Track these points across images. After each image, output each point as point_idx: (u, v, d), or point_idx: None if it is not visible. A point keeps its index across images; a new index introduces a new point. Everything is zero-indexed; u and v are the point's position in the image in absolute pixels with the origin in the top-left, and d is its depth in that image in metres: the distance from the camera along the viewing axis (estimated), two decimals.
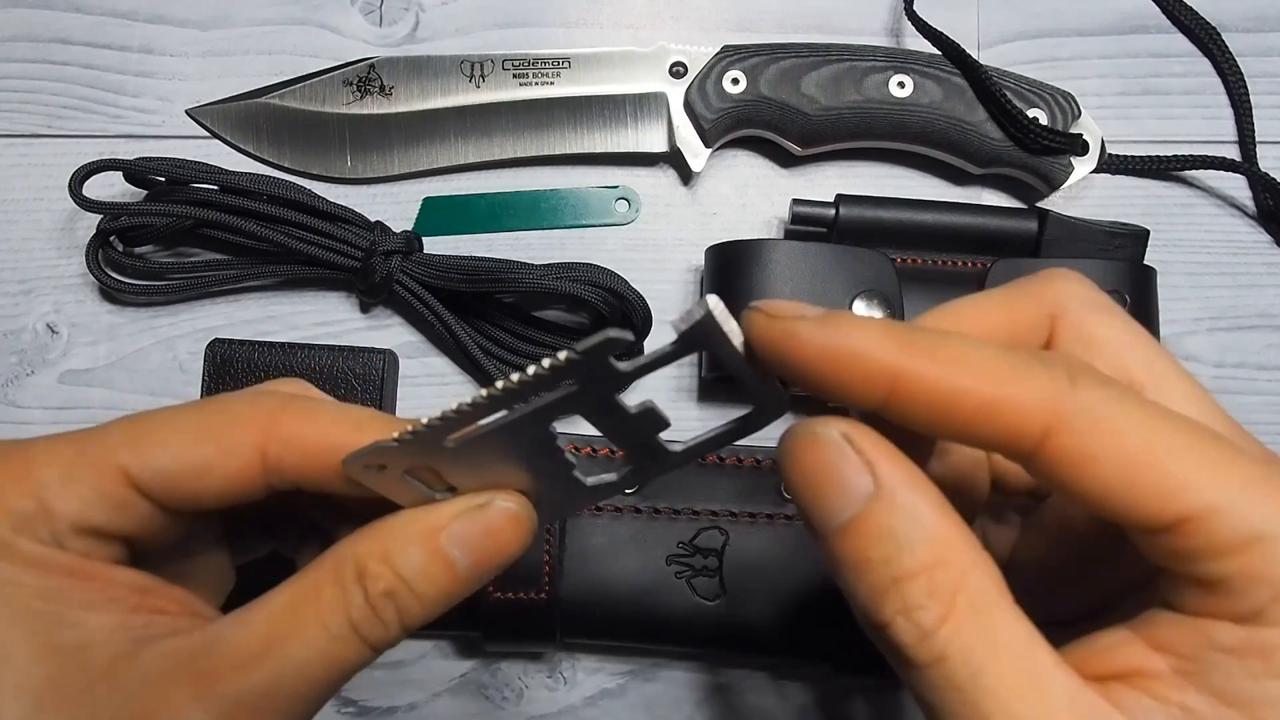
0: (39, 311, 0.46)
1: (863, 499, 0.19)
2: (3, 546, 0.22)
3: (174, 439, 0.23)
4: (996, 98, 0.44)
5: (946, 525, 0.19)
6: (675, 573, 0.40)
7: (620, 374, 0.21)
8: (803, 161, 0.47)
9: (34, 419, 0.45)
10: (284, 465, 0.23)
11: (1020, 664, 0.18)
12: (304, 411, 0.24)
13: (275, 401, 0.24)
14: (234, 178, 0.43)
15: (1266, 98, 0.48)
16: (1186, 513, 0.18)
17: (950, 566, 0.18)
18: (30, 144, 0.47)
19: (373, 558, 0.22)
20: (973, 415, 0.18)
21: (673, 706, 0.43)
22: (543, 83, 0.46)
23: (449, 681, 0.43)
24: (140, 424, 0.23)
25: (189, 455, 0.23)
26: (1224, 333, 0.46)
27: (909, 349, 0.19)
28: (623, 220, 0.47)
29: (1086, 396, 0.18)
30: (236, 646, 0.22)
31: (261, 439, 0.23)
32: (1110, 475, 0.18)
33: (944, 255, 0.44)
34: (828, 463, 0.19)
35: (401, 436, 0.22)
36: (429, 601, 0.23)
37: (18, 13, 0.48)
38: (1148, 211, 0.47)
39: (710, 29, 0.49)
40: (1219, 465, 0.18)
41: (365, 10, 0.49)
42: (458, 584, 0.23)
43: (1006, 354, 0.19)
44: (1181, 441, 0.18)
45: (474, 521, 0.23)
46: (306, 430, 0.23)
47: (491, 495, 0.24)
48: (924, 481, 0.19)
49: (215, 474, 0.23)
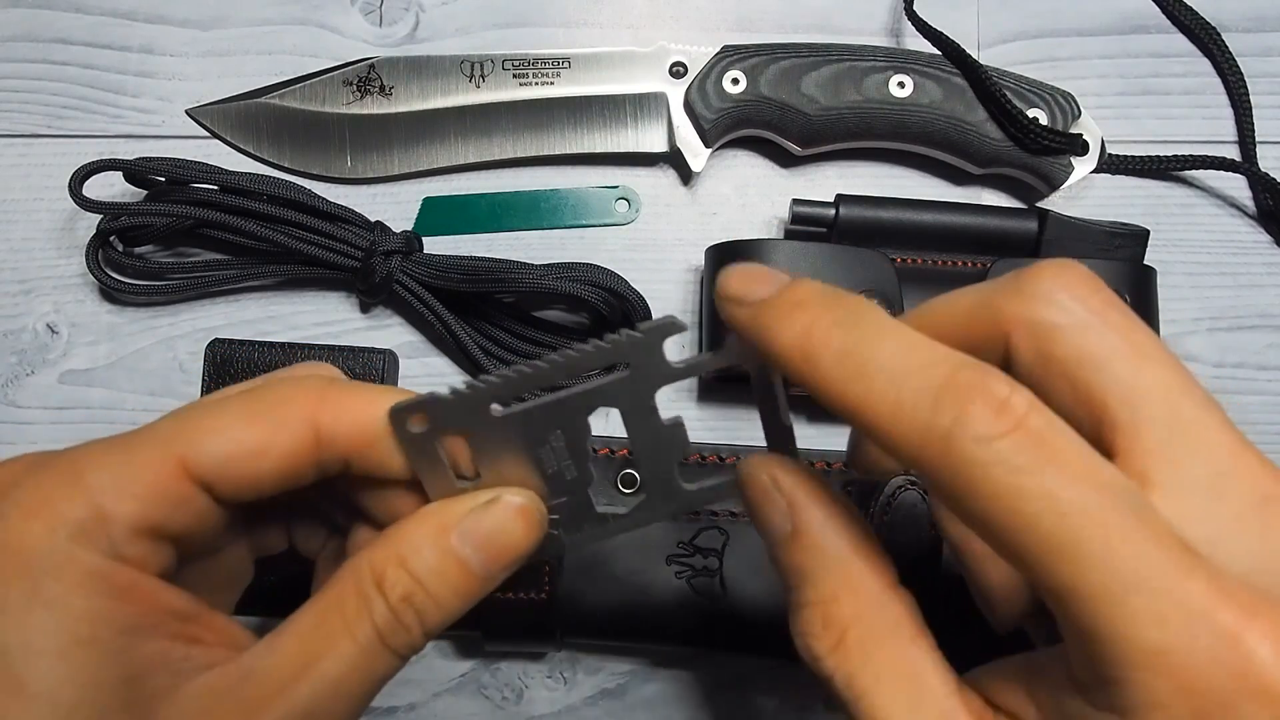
0: (39, 311, 0.46)
1: (784, 535, 0.22)
2: (58, 563, 0.21)
3: (227, 423, 0.23)
4: (996, 98, 0.44)
5: (849, 565, 0.21)
6: (675, 573, 0.40)
7: (669, 367, 0.22)
8: (803, 161, 0.47)
9: (34, 419, 0.45)
10: (336, 439, 0.23)
11: (900, 692, 0.20)
12: (351, 387, 0.24)
13: (321, 379, 0.24)
14: (234, 178, 0.43)
15: (1266, 98, 0.48)
16: (1043, 584, 0.18)
17: (844, 603, 0.21)
18: (30, 144, 0.47)
19: (389, 563, 0.23)
20: (863, 427, 0.20)
21: (673, 706, 0.43)
22: (543, 83, 0.46)
23: (449, 681, 0.43)
24: (189, 414, 0.23)
25: (244, 436, 0.23)
26: (1224, 333, 0.46)
27: (811, 354, 0.20)
28: (623, 220, 0.47)
29: (958, 455, 0.18)
30: (272, 673, 0.22)
31: (313, 414, 0.23)
32: (977, 528, 0.19)
33: (944, 255, 0.44)
34: (760, 502, 0.22)
35: (454, 389, 0.22)
36: (446, 603, 0.23)
37: (18, 13, 0.48)
38: (1148, 211, 0.47)
39: (710, 29, 0.49)
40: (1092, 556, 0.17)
41: (365, 10, 0.49)
42: (473, 583, 0.23)
43: (914, 377, 0.19)
44: (1056, 521, 0.17)
45: (484, 518, 0.23)
46: (355, 401, 0.23)
47: (500, 491, 0.24)
48: (840, 523, 0.21)
49: (272, 453, 0.23)
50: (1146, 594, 0.17)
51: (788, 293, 0.21)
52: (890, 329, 0.20)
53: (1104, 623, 0.17)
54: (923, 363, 0.19)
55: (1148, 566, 0.17)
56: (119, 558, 0.22)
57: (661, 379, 0.22)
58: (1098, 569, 0.17)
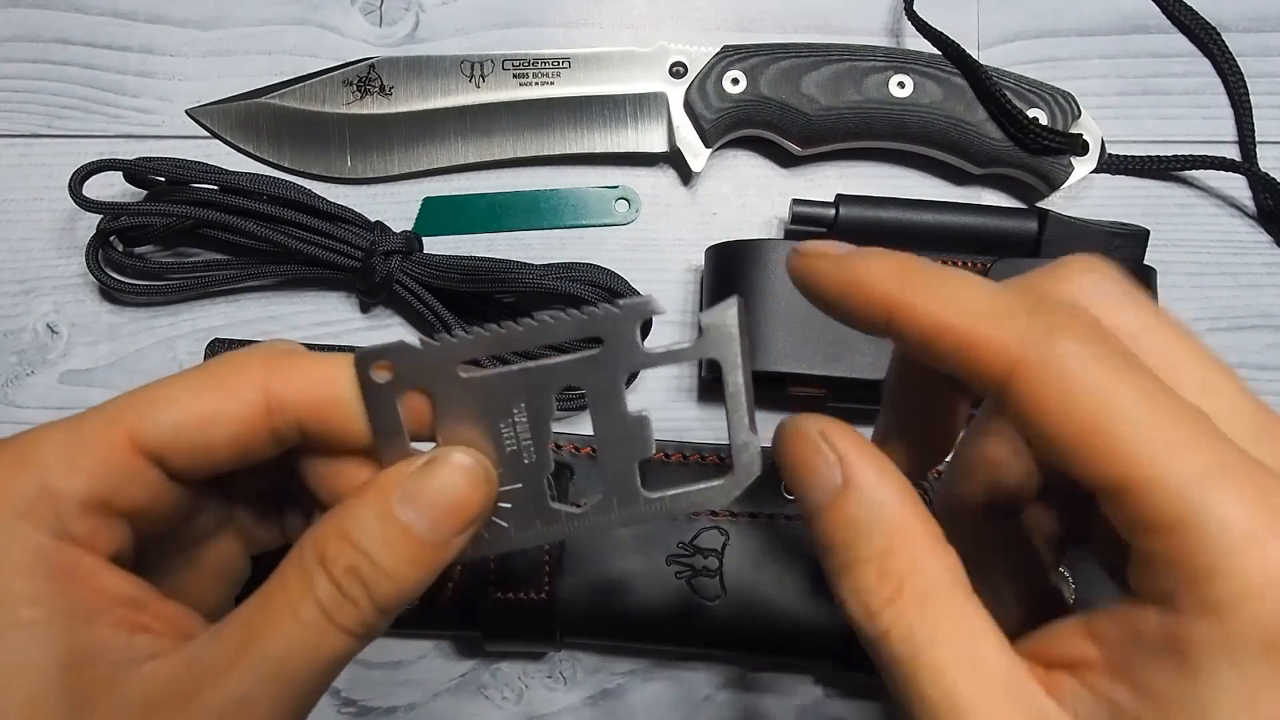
0: (39, 311, 0.46)
1: (833, 490, 0.21)
2: (2, 543, 0.21)
3: (175, 394, 0.23)
4: (996, 98, 0.44)
5: (905, 518, 0.21)
6: (675, 573, 0.40)
7: (640, 352, 0.22)
8: (803, 161, 0.47)
9: (34, 419, 0.45)
10: (287, 403, 0.23)
11: (961, 646, 0.19)
12: (301, 352, 0.24)
13: (272, 347, 0.24)
14: (234, 178, 0.43)
15: (1266, 98, 0.48)
16: (1123, 481, 0.18)
17: (900, 555, 0.20)
18: (30, 144, 0.47)
19: (330, 538, 0.22)
20: (951, 349, 0.20)
21: (673, 706, 0.43)
22: (543, 83, 0.46)
23: (449, 681, 0.43)
24: (141, 390, 0.23)
25: (193, 405, 0.23)
26: (1224, 333, 0.46)
27: (907, 283, 0.21)
28: (623, 220, 0.47)
29: (1059, 349, 0.19)
30: (213, 657, 0.21)
31: (262, 380, 0.23)
32: (1061, 430, 0.19)
33: (944, 255, 0.44)
34: (808, 456, 0.22)
35: (424, 340, 0.22)
36: (397, 573, 0.22)
37: (18, 13, 0.48)
38: (1148, 211, 0.47)
39: (710, 29, 0.49)
40: (1176, 445, 0.18)
41: (365, 10, 0.49)
42: (424, 550, 0.22)
43: (996, 297, 0.20)
44: (1143, 412, 0.18)
45: (427, 478, 0.22)
46: (309, 367, 0.23)
47: (445, 450, 0.23)
48: (892, 477, 0.21)
49: (222, 420, 0.23)
50: (1241, 475, 0.17)
51: (866, 250, 0.22)
52: (969, 275, 0.21)
53: (1197, 508, 0.17)
54: (1008, 286, 0.21)
55: (1236, 454, 0.18)
56: (67, 536, 0.21)
57: (630, 363, 0.22)
58: (1192, 453, 0.18)
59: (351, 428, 0.23)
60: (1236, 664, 0.17)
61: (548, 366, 0.22)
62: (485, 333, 0.22)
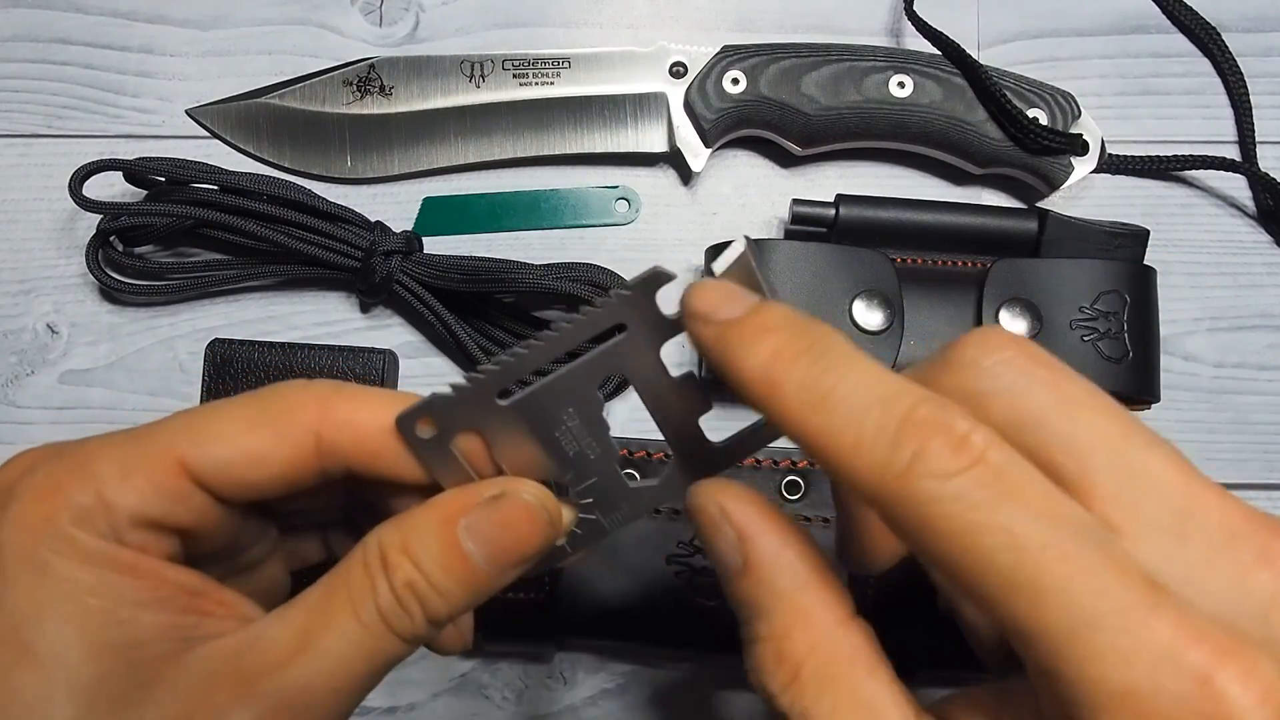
0: (39, 311, 0.46)
1: (735, 570, 0.21)
2: (62, 541, 0.22)
3: (230, 429, 0.23)
4: (996, 98, 0.44)
5: (801, 600, 0.20)
6: (675, 573, 0.40)
7: (666, 320, 0.22)
8: (803, 161, 0.47)
9: (34, 419, 0.45)
10: (337, 447, 0.23)
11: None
12: (356, 394, 0.24)
13: (327, 387, 0.24)
14: (234, 178, 0.43)
15: (1266, 98, 0.48)
16: (996, 620, 0.18)
17: (796, 639, 0.20)
18: (30, 144, 0.47)
19: (393, 546, 0.22)
20: (818, 458, 0.19)
21: (673, 706, 0.43)
22: (543, 83, 0.46)
23: (449, 681, 0.43)
24: (196, 416, 0.24)
25: (245, 443, 0.23)
26: (1224, 333, 0.46)
27: (776, 383, 0.20)
28: (623, 220, 0.47)
29: (915, 492, 0.18)
30: (276, 643, 0.22)
31: (315, 423, 0.23)
32: (930, 559, 0.18)
33: (944, 255, 0.44)
34: (709, 535, 0.22)
35: (455, 385, 0.22)
36: (449, 595, 0.23)
37: (18, 13, 0.48)
38: (1148, 211, 0.47)
39: (710, 29, 0.49)
40: (1043, 595, 0.17)
41: (365, 10, 0.49)
42: (477, 578, 0.23)
43: (865, 414, 0.19)
44: (1009, 563, 0.17)
45: (490, 513, 0.23)
46: (359, 410, 0.24)
47: (514, 485, 0.23)
48: (793, 557, 0.21)
49: (271, 461, 0.23)
50: (1111, 632, 0.16)
51: (756, 315, 0.21)
52: (856, 361, 0.19)
53: (1067, 662, 0.16)
54: (884, 396, 0.19)
55: (1111, 603, 0.16)
56: (120, 543, 0.22)
57: (661, 334, 0.22)
58: (1059, 606, 0.17)
59: (407, 472, 0.24)
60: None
61: (580, 365, 0.22)
62: (510, 359, 0.22)
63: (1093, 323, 0.41)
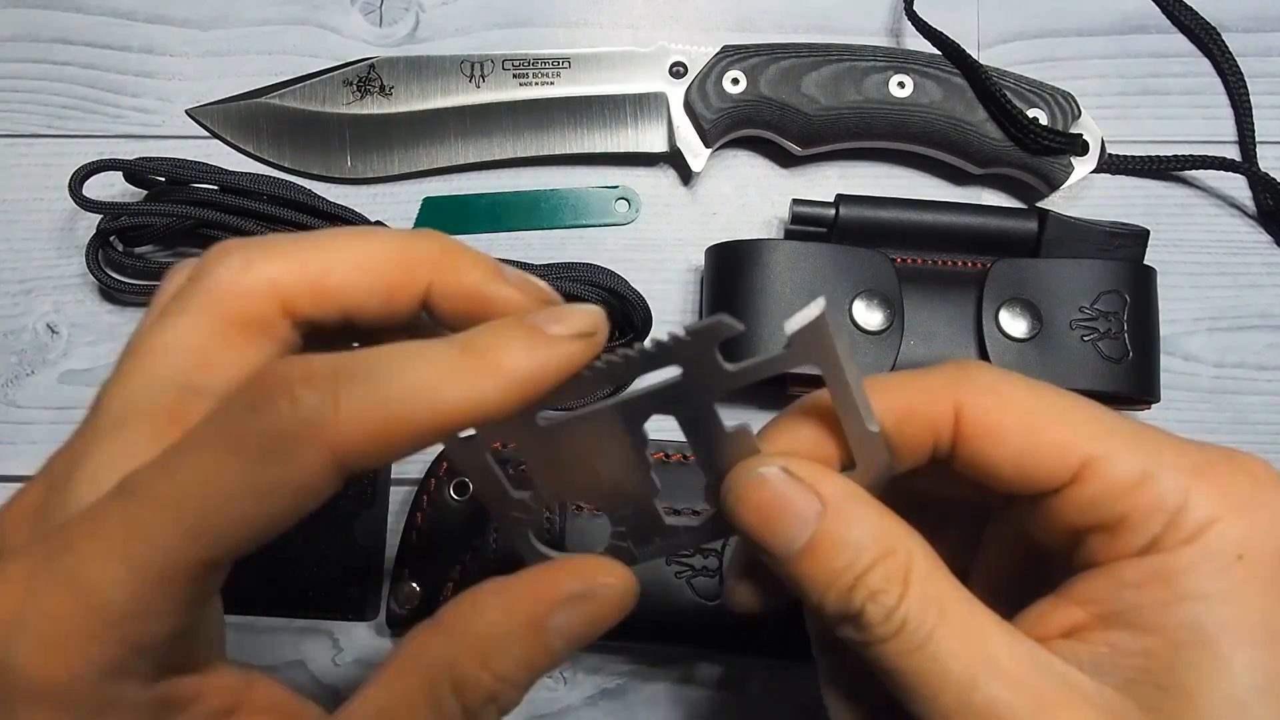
0: (39, 311, 0.46)
1: (814, 519, 0.21)
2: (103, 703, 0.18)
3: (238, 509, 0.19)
4: (996, 98, 0.44)
5: (886, 521, 0.22)
6: (675, 573, 0.40)
7: (724, 372, 0.21)
8: (803, 161, 0.47)
9: (34, 419, 0.45)
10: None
11: (963, 620, 0.21)
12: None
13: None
14: (234, 178, 0.43)
15: (1266, 98, 0.48)
16: (1081, 459, 0.21)
17: (898, 553, 0.21)
18: (30, 144, 0.47)
19: (471, 666, 0.21)
20: (901, 420, 0.22)
21: (673, 706, 0.43)
22: (543, 83, 0.46)
23: None
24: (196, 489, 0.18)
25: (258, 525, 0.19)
26: (1224, 333, 0.46)
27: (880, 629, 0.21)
28: (623, 220, 0.47)
29: (980, 378, 0.22)
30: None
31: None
32: (1014, 443, 0.22)
33: (944, 255, 0.44)
34: (777, 495, 0.22)
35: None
36: (525, 688, 0.21)
37: (18, 13, 0.48)
38: (1148, 211, 0.47)
39: (710, 29, 0.49)
40: (1100, 421, 0.22)
41: (365, 10, 0.49)
42: (555, 665, 0.22)
43: (904, 374, 0.23)
44: (1067, 404, 0.22)
45: (579, 612, 0.22)
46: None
47: (596, 577, 0.22)
48: (858, 489, 0.22)
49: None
50: (1162, 437, 0.22)
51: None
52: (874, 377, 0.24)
53: (1152, 463, 0.21)
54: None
55: (1149, 428, 0.22)
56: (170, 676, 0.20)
57: (719, 386, 0.21)
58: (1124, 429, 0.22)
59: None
60: (1216, 575, 0.20)
61: (628, 400, 0.21)
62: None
63: (1093, 323, 0.41)
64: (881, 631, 0.21)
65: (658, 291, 0.45)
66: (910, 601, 0.21)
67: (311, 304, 0.22)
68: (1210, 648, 0.20)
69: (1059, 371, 0.40)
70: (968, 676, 0.20)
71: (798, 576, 0.22)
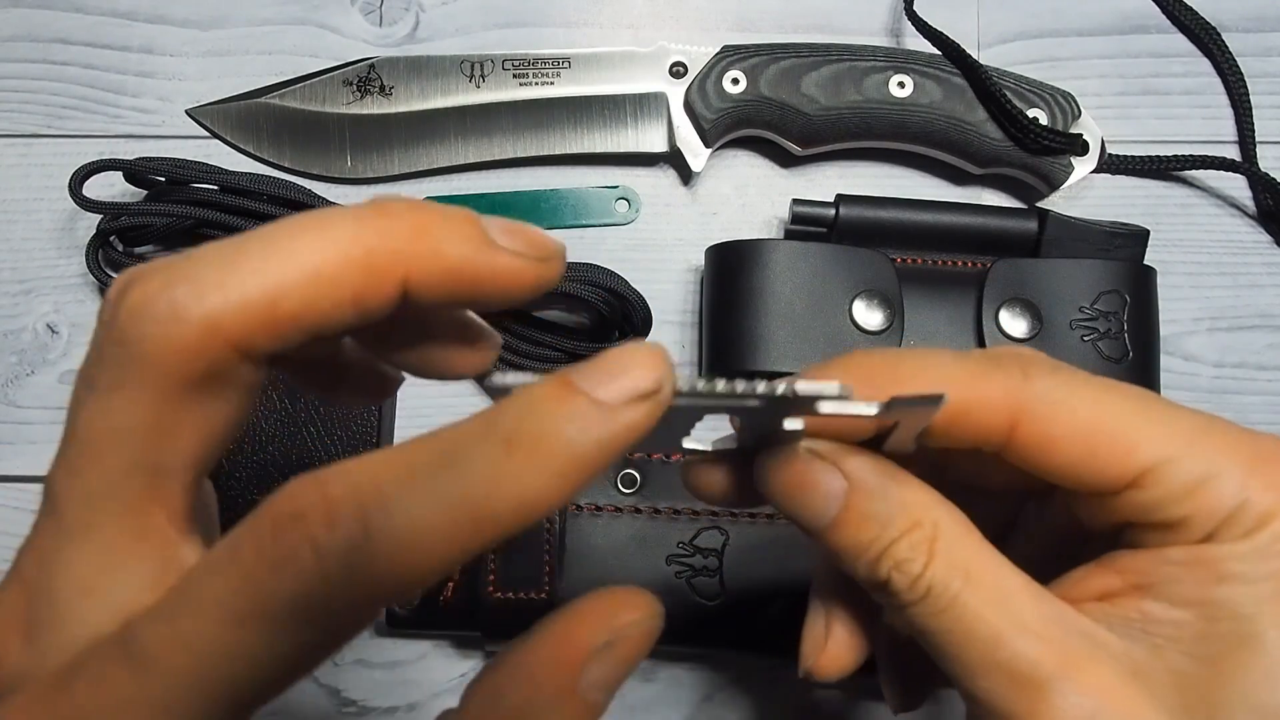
0: (39, 311, 0.46)
1: (840, 495, 0.22)
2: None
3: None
4: (996, 98, 0.44)
5: (912, 492, 0.22)
6: (675, 573, 0.40)
7: (787, 433, 0.21)
8: (803, 161, 0.47)
9: (34, 419, 0.45)
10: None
11: (989, 583, 0.21)
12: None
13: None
14: (234, 178, 0.43)
15: (1266, 98, 0.48)
16: (1143, 467, 0.21)
17: (924, 524, 0.22)
18: (30, 144, 0.47)
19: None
20: (949, 420, 0.22)
21: (673, 706, 0.43)
22: (543, 83, 0.46)
23: (449, 681, 0.43)
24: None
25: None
26: (1224, 333, 0.46)
27: (882, 378, 0.22)
28: (623, 220, 0.47)
29: (1040, 385, 0.22)
30: None
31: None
32: (1072, 450, 0.21)
33: (944, 255, 0.44)
34: (803, 473, 0.22)
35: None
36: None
37: (18, 13, 0.48)
38: (1148, 211, 0.47)
39: (710, 29, 0.49)
40: (1162, 423, 0.21)
41: (365, 10, 0.49)
42: (601, 714, 0.20)
43: (964, 362, 0.22)
44: (1127, 408, 0.22)
45: (610, 661, 0.20)
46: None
47: (614, 618, 0.20)
48: (883, 463, 0.22)
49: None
50: (1220, 435, 0.22)
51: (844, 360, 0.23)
52: (929, 352, 0.23)
53: (1211, 466, 0.21)
54: (963, 354, 0.23)
55: (1210, 420, 0.22)
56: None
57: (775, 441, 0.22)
58: (1186, 428, 0.21)
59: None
60: (1260, 563, 0.20)
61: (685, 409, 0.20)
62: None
63: (1093, 323, 0.41)
64: (908, 597, 0.22)
65: (658, 291, 0.45)
66: (935, 569, 0.21)
67: (268, 338, 0.18)
68: (1245, 623, 0.20)
69: None
70: (993, 635, 0.21)
71: (831, 547, 0.23)
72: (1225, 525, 0.21)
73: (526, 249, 0.20)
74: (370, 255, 0.18)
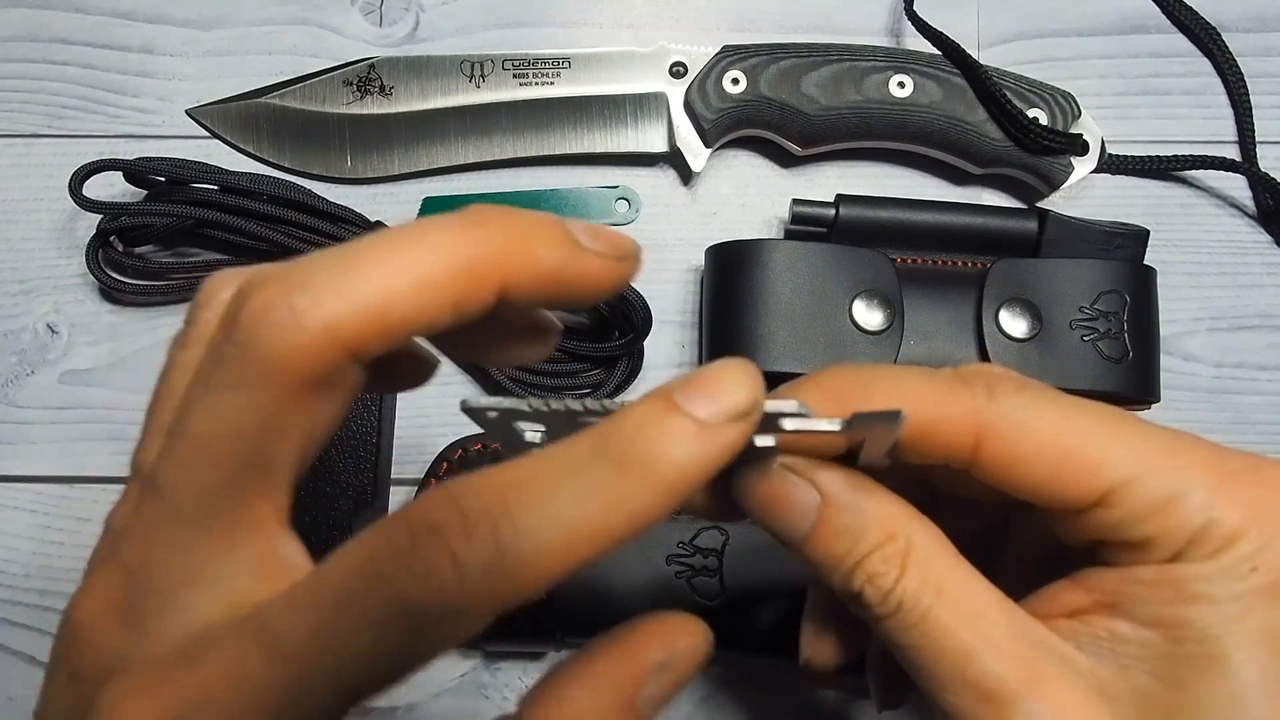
0: (39, 311, 0.46)
1: (814, 509, 0.22)
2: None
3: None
4: (996, 98, 0.44)
5: (885, 506, 0.22)
6: (675, 573, 0.40)
7: (759, 449, 0.21)
8: (803, 161, 0.47)
9: (34, 419, 0.45)
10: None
11: (961, 598, 0.22)
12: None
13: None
14: (234, 178, 0.43)
15: (1266, 98, 0.48)
16: (1107, 486, 0.21)
17: (897, 538, 0.22)
18: (30, 144, 0.47)
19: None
20: (915, 437, 0.22)
21: (673, 706, 0.43)
22: (543, 83, 0.46)
23: (449, 681, 0.43)
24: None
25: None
26: (1224, 333, 0.46)
27: (854, 394, 0.22)
28: (623, 220, 0.47)
29: (1005, 404, 0.22)
30: None
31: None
32: (1037, 468, 0.22)
33: (944, 255, 0.44)
34: (777, 488, 0.23)
35: (535, 409, 0.20)
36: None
37: (18, 13, 0.48)
38: (1148, 211, 0.47)
39: (710, 29, 0.49)
40: (1128, 441, 0.22)
41: (365, 10, 0.49)
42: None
43: (931, 380, 0.22)
44: (1093, 426, 0.22)
45: (665, 680, 0.20)
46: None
47: (673, 640, 0.20)
48: (857, 478, 0.23)
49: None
50: (1194, 455, 0.22)
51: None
52: (895, 368, 0.24)
53: (1177, 488, 0.21)
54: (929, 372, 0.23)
55: (1183, 439, 0.22)
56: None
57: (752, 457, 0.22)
58: (1153, 449, 0.22)
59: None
60: (1227, 585, 0.21)
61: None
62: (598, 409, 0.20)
63: (1093, 323, 0.41)
64: (881, 611, 0.22)
65: (658, 292, 0.45)
66: (907, 583, 0.22)
67: (379, 342, 0.19)
68: (1210, 645, 0.20)
69: (1059, 372, 0.40)
70: (962, 651, 0.21)
71: (807, 560, 0.23)
72: (1192, 545, 0.21)
73: (609, 250, 0.21)
74: (472, 263, 0.19)
